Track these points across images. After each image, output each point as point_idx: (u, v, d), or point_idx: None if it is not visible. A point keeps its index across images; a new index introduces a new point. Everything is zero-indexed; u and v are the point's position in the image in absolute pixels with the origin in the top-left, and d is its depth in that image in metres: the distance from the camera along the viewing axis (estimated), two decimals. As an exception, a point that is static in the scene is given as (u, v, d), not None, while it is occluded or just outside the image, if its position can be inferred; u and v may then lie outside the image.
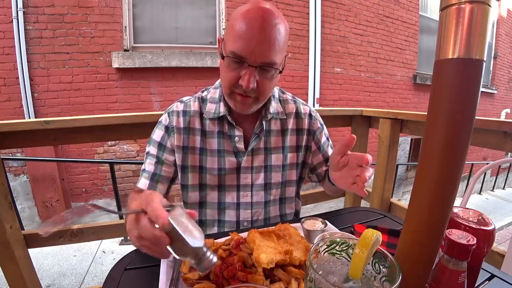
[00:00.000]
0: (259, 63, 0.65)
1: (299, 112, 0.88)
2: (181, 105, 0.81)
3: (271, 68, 0.67)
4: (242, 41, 0.63)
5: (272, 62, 0.66)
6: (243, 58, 0.64)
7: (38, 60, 2.71)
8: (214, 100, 0.80)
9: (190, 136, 0.79)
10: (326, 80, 3.73)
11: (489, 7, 0.31)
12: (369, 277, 0.37)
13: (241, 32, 0.63)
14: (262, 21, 0.63)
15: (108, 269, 0.59)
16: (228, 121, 0.78)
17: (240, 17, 0.65)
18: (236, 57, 0.65)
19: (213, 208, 0.83)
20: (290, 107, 0.87)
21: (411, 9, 4.25)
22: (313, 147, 0.89)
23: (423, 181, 0.37)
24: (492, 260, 1.04)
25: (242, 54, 0.64)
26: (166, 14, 3.05)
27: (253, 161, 0.81)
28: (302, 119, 0.87)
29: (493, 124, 1.01)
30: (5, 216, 1.07)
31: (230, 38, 0.66)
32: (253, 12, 0.64)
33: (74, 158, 2.95)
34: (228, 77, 0.69)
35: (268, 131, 0.83)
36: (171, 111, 0.81)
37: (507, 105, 6.16)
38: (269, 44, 0.64)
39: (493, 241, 0.46)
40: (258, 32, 0.63)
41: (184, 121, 0.79)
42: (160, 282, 0.53)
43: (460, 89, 0.33)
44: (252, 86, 0.66)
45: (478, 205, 4.55)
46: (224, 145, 0.80)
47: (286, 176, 0.86)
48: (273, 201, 0.86)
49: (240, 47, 0.64)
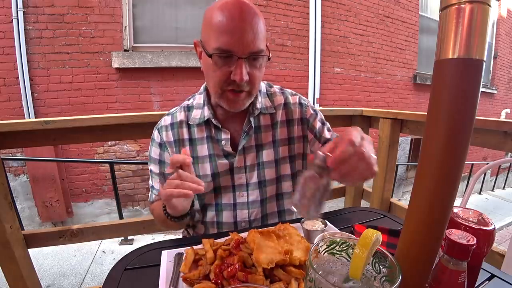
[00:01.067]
0: (248, 54, 0.64)
1: (287, 103, 0.85)
2: (168, 118, 0.82)
3: (260, 56, 0.66)
4: (226, 35, 0.62)
5: (260, 50, 0.65)
6: (231, 51, 0.63)
7: (38, 60, 2.71)
8: (199, 105, 0.80)
9: (181, 148, 0.79)
10: (326, 80, 3.73)
11: (489, 7, 0.31)
12: (369, 277, 0.37)
13: (223, 26, 0.62)
14: (241, 11, 0.62)
15: (108, 269, 0.60)
16: (214, 125, 0.78)
17: (217, 12, 0.63)
18: (223, 52, 0.63)
19: (211, 210, 0.82)
20: (278, 99, 0.85)
21: (411, 9, 4.25)
22: (309, 136, 0.86)
23: (423, 181, 0.37)
24: (492, 260, 1.04)
25: (229, 48, 0.63)
26: (166, 14, 3.05)
27: (245, 160, 0.80)
28: (292, 110, 0.85)
29: (493, 124, 1.01)
30: (5, 216, 1.07)
31: (211, 36, 0.64)
32: (230, 5, 0.63)
33: (74, 158, 2.95)
34: (217, 76, 0.67)
35: (258, 127, 0.81)
36: (160, 127, 0.82)
37: (507, 105, 6.16)
38: (253, 32, 0.63)
39: (493, 241, 0.46)
40: (240, 22, 0.62)
41: (173, 134, 0.80)
42: (160, 282, 0.53)
43: (460, 89, 0.33)
44: (246, 79, 0.65)
45: (478, 205, 4.55)
46: (213, 149, 0.79)
47: (280, 171, 0.84)
48: (270, 198, 0.84)
49: (225, 41, 0.62)
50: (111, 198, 3.03)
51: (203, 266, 0.53)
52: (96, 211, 3.10)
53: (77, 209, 3.04)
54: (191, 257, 0.55)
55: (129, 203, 3.16)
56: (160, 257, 0.60)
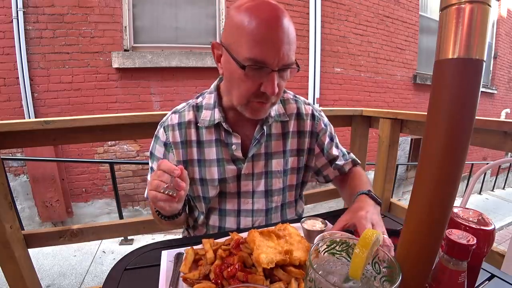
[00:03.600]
0: (281, 66, 0.61)
1: (300, 113, 0.82)
2: (176, 116, 0.77)
3: (291, 68, 0.64)
4: (263, 46, 0.58)
5: (292, 63, 0.63)
6: (266, 64, 0.59)
7: (38, 60, 2.71)
8: (209, 106, 0.75)
9: (188, 149, 0.76)
10: (326, 80, 3.73)
11: (489, 7, 0.31)
12: (369, 277, 0.37)
13: (259, 35, 0.57)
14: (278, 19, 0.58)
15: (108, 269, 0.59)
16: (225, 128, 0.74)
17: (250, 16, 0.58)
18: (257, 63, 0.59)
19: (215, 214, 0.81)
20: (291, 107, 0.82)
21: (411, 9, 4.25)
22: (316, 150, 0.85)
23: (423, 181, 0.37)
24: (492, 260, 1.04)
25: (264, 60, 0.59)
26: (166, 14, 3.05)
27: (253, 168, 0.78)
28: (304, 121, 0.82)
29: (493, 124, 1.01)
30: (5, 216, 1.07)
31: (243, 43, 0.59)
32: (266, 11, 0.58)
33: (74, 158, 2.95)
34: (246, 87, 0.63)
35: (269, 135, 0.78)
36: (166, 125, 0.77)
37: (507, 105, 6.16)
38: (289, 44, 0.60)
39: (493, 241, 0.46)
40: (278, 33, 0.58)
41: (181, 135, 0.76)
42: (160, 282, 0.53)
43: (460, 89, 0.33)
44: (277, 91, 0.62)
45: (478, 205, 4.55)
46: (222, 153, 0.76)
47: (287, 181, 0.82)
48: (275, 208, 0.82)
49: (261, 52, 0.58)
50: (111, 198, 3.03)
51: (203, 266, 0.53)
52: (96, 211, 3.10)
53: (77, 209, 3.04)
54: (191, 257, 0.55)
55: (129, 203, 3.16)
56: (160, 257, 0.60)
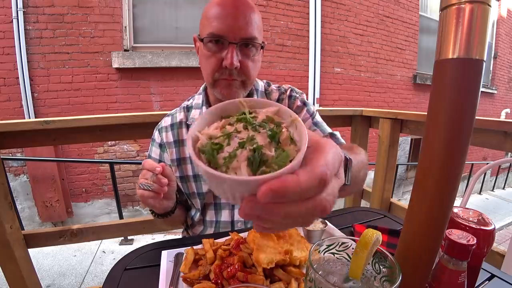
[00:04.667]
0: (239, 39, 0.65)
1: (280, 98, 0.83)
2: (169, 119, 0.83)
3: (252, 43, 0.67)
4: (219, 20, 0.64)
5: (252, 37, 0.66)
6: (222, 36, 0.64)
7: (38, 60, 2.71)
8: (198, 106, 0.80)
9: (180, 148, 0.80)
10: (326, 80, 3.73)
11: (489, 7, 0.31)
12: (369, 277, 0.37)
13: (216, 14, 0.64)
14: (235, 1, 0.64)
15: (108, 269, 0.60)
16: None
17: (212, 5, 0.66)
18: (214, 36, 0.65)
19: (211, 209, 0.83)
20: (273, 96, 0.83)
21: (411, 9, 4.25)
22: None
23: (423, 181, 0.37)
24: (492, 260, 1.04)
25: (220, 33, 0.64)
26: (166, 14, 3.05)
27: None
28: (281, 101, 0.82)
29: (493, 124, 1.01)
30: (5, 216, 1.07)
31: (206, 25, 0.66)
32: None
33: (74, 158, 2.95)
34: (210, 63, 0.67)
35: None
36: (160, 128, 0.83)
37: (507, 105, 6.16)
38: (245, 19, 0.64)
39: (493, 241, 0.46)
40: (233, 9, 0.64)
41: (173, 135, 0.81)
42: (160, 282, 0.53)
43: (460, 89, 0.33)
44: (237, 64, 0.65)
45: (478, 205, 4.55)
46: None
47: None
48: None
49: (217, 26, 0.64)
50: (111, 198, 3.03)
51: (203, 266, 0.53)
52: (96, 211, 3.10)
53: (77, 209, 3.04)
54: (191, 257, 0.55)
55: (129, 203, 3.16)
56: (160, 257, 0.60)
